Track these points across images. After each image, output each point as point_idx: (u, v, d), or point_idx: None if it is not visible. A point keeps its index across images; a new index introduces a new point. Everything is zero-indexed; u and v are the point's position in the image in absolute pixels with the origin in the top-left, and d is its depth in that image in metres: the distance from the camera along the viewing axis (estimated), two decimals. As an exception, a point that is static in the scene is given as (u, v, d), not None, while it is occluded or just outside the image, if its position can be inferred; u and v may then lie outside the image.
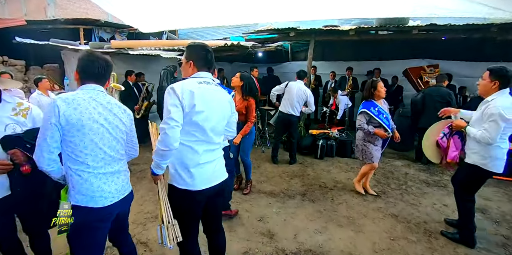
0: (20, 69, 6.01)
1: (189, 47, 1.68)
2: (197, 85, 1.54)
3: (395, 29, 4.96)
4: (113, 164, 1.49)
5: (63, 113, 1.30)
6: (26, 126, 1.69)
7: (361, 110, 3.21)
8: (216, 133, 1.64)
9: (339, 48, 7.52)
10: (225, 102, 1.71)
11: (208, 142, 1.60)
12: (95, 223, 1.44)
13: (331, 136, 5.02)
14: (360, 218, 2.98)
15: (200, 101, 1.51)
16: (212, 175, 1.65)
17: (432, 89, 4.62)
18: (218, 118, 1.64)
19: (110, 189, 1.45)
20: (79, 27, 7.33)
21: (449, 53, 6.30)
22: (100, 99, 1.45)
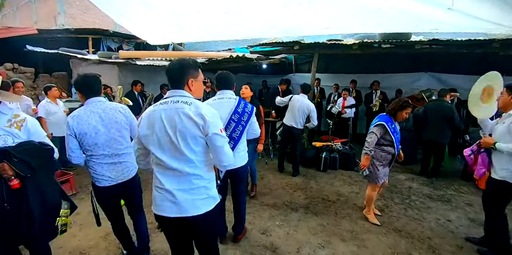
0: (29, 76, 6.14)
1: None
2: (151, 108, 1.59)
3: (398, 43, 5.05)
4: (113, 157, 2.04)
5: (72, 127, 1.91)
6: (20, 138, 1.70)
7: (379, 123, 2.92)
8: (170, 156, 1.50)
9: (343, 61, 7.61)
10: (177, 119, 1.46)
11: (162, 166, 1.54)
12: (100, 196, 2.13)
13: (334, 148, 5.04)
14: (363, 232, 2.96)
15: (145, 125, 1.55)
16: (171, 204, 1.53)
17: (435, 103, 4.66)
18: (167, 141, 1.48)
19: (110, 175, 2.05)
20: (88, 36, 7.52)
21: (452, 67, 6.37)
22: (97, 110, 1.98)
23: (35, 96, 5.97)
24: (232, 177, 2.55)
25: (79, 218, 3.09)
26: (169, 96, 1.53)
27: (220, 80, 2.52)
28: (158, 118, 1.48)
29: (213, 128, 1.46)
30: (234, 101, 2.42)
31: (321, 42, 5.35)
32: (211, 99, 2.49)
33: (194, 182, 1.52)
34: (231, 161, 1.56)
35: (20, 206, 1.64)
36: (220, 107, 2.36)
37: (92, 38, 7.60)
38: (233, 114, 2.37)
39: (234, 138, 2.39)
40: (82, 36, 7.43)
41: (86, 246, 2.65)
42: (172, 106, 1.47)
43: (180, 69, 1.54)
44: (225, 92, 2.47)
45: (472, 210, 3.50)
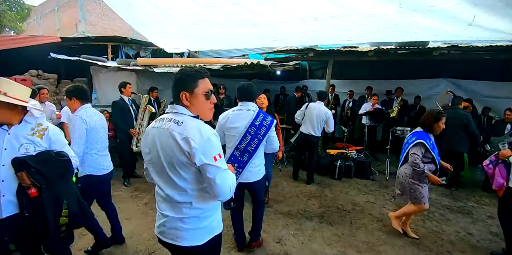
0: (52, 82, 6.40)
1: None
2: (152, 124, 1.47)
3: (415, 50, 4.97)
4: (106, 150, 2.53)
5: (89, 123, 2.30)
6: (41, 146, 1.75)
7: (418, 141, 2.72)
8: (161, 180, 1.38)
9: (357, 67, 7.54)
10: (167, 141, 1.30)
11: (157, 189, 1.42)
12: (97, 185, 2.49)
13: (349, 156, 4.97)
14: (380, 244, 2.90)
15: (143, 144, 1.45)
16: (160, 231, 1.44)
17: (449, 111, 4.56)
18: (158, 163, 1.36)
19: (106, 164, 2.51)
20: (107, 44, 7.78)
21: (472, 73, 6.17)
22: (95, 112, 2.43)
23: (57, 102, 6.20)
24: (248, 190, 2.58)
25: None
26: (167, 112, 1.38)
27: (241, 91, 2.51)
28: (152, 139, 1.34)
29: (202, 155, 1.21)
30: (253, 113, 2.40)
31: (336, 49, 5.33)
32: (230, 110, 2.51)
33: (184, 210, 1.32)
34: (227, 195, 1.28)
35: (37, 213, 1.71)
36: (239, 119, 2.40)
37: (111, 45, 7.85)
38: (250, 127, 2.36)
39: (249, 151, 2.39)
40: (101, 44, 7.69)
41: (104, 250, 2.71)
42: (164, 126, 1.30)
43: (174, 81, 1.35)
44: (246, 104, 2.46)
45: (494, 223, 3.36)
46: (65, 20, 16.41)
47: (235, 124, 2.40)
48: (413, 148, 2.75)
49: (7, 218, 1.70)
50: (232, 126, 2.41)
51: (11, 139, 1.68)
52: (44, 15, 17.87)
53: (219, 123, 2.51)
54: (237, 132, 2.40)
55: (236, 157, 2.43)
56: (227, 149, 2.52)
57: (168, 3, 3.07)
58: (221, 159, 1.27)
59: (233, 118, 2.42)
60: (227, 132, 2.46)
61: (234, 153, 2.43)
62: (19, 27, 13.34)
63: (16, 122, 1.71)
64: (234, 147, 2.42)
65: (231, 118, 2.43)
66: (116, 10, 3.52)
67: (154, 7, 3.17)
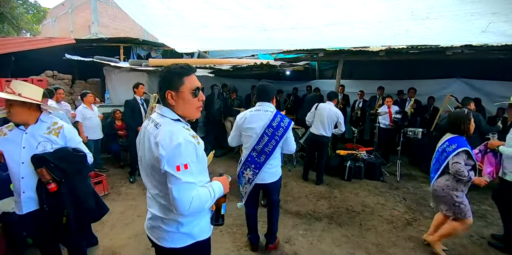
0: (67, 83, 6.58)
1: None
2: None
3: (428, 49, 4.89)
4: None
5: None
6: (57, 144, 1.84)
7: (463, 149, 2.49)
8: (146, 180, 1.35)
9: (368, 67, 7.45)
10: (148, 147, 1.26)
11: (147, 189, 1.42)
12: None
13: (359, 157, 4.93)
14: (390, 246, 2.87)
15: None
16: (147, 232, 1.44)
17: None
18: (143, 166, 1.34)
19: None
20: (119, 45, 7.94)
21: (486, 73, 6.01)
22: None
23: (72, 101, 6.37)
24: (264, 190, 2.62)
25: (110, 218, 3.24)
26: (155, 112, 1.35)
27: (259, 91, 2.49)
28: (141, 138, 1.35)
29: (166, 162, 1.15)
30: (270, 114, 2.39)
31: (346, 49, 5.29)
32: (248, 110, 2.50)
33: (166, 212, 1.28)
34: (185, 210, 1.16)
35: (58, 208, 1.79)
36: (255, 120, 2.40)
37: (123, 46, 8.01)
38: (267, 128, 2.36)
39: (266, 152, 2.39)
40: (114, 45, 7.85)
41: (117, 246, 2.78)
42: (148, 127, 1.29)
43: (159, 79, 1.29)
44: (264, 105, 2.44)
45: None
46: (79, 22, 16.80)
47: (252, 124, 2.40)
48: (456, 157, 2.49)
49: (27, 214, 1.77)
50: (249, 126, 2.41)
51: (29, 138, 1.76)
52: (58, 18, 18.33)
53: (236, 123, 2.51)
54: (254, 132, 2.40)
55: (253, 157, 2.44)
56: (243, 149, 2.54)
57: (181, 5, 3.12)
58: (186, 170, 1.16)
59: (250, 119, 2.42)
60: (244, 132, 2.46)
61: (251, 154, 2.44)
62: (35, 29, 13.72)
63: (32, 122, 1.79)
64: (251, 148, 2.42)
65: (248, 118, 2.42)
66: (129, 11, 3.59)
67: (167, 8, 3.22)
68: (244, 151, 2.50)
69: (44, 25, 18.13)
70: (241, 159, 2.57)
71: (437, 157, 2.70)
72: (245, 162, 2.49)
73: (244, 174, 2.51)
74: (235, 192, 4.16)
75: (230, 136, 2.60)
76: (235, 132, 2.55)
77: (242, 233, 3.05)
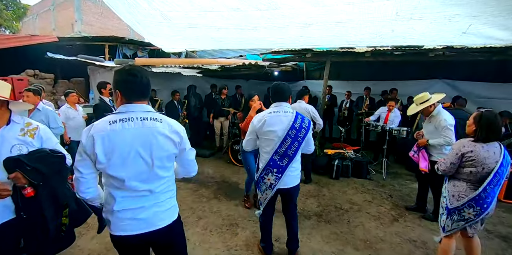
0: (49, 82, 6.37)
1: (116, 73, 1.44)
2: (105, 127, 1.30)
3: (411, 51, 5.04)
4: None
5: None
6: (33, 146, 1.68)
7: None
8: (141, 180, 1.37)
9: (355, 68, 7.59)
10: (155, 141, 1.36)
11: (126, 190, 1.37)
12: None
13: (346, 156, 5.02)
14: (377, 242, 2.94)
15: (103, 148, 1.29)
16: (134, 223, 1.40)
17: (453, 112, 4.68)
18: (144, 164, 1.36)
19: None
20: (104, 43, 7.77)
21: (467, 74, 6.26)
22: None
23: (54, 102, 6.17)
24: (284, 195, 2.45)
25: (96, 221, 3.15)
26: (129, 111, 1.35)
27: (275, 91, 2.38)
28: (123, 142, 1.30)
29: (186, 142, 1.47)
30: (291, 115, 2.29)
31: (333, 50, 5.38)
32: (265, 112, 2.35)
33: (161, 197, 1.45)
34: (196, 169, 1.62)
35: (35, 214, 1.63)
36: (276, 122, 2.26)
37: (109, 45, 7.84)
38: (290, 129, 2.24)
39: (289, 155, 2.27)
40: (99, 43, 7.68)
41: (103, 248, 2.71)
42: (143, 125, 1.34)
43: (147, 77, 1.41)
44: (282, 105, 2.33)
45: (490, 221, 3.41)
46: (61, 20, 16.32)
47: (273, 127, 2.25)
48: None
49: (3, 224, 1.61)
50: (270, 129, 2.26)
51: (2, 141, 1.59)
52: (40, 15, 17.75)
53: (253, 127, 2.34)
54: (275, 136, 2.25)
55: (275, 161, 2.29)
56: (262, 153, 2.38)
57: (167, 6, 3.08)
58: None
59: (270, 121, 2.27)
60: (264, 136, 2.31)
61: (273, 158, 2.28)
62: (15, 26, 13.26)
63: (3, 124, 1.63)
64: (274, 151, 2.27)
65: (268, 121, 2.27)
66: (115, 10, 3.52)
67: (153, 9, 3.17)
68: (264, 155, 2.34)
69: (24, 23, 17.52)
70: (258, 164, 2.42)
71: (500, 169, 2.11)
72: (266, 167, 2.31)
73: (265, 179, 2.34)
74: (224, 192, 4.14)
75: (246, 140, 2.45)
76: (251, 135, 2.39)
77: (231, 233, 3.04)
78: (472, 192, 2.15)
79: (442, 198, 2.38)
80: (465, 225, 2.19)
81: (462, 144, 2.24)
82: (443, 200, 2.35)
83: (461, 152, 2.19)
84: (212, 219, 3.35)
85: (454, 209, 2.21)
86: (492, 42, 2.73)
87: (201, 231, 3.07)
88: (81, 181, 1.36)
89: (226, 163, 5.61)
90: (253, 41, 3.92)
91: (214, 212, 3.53)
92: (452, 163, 2.25)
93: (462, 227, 2.22)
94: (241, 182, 4.49)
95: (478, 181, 2.15)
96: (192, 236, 2.96)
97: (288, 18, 2.93)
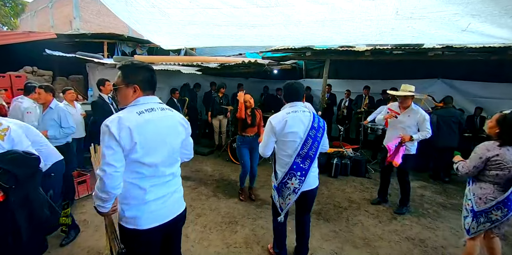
0: (47, 79, 6.32)
1: (126, 68, 1.46)
2: (136, 117, 1.36)
3: (411, 50, 5.05)
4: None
5: None
6: (3, 149, 1.59)
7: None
8: (167, 164, 1.49)
9: (354, 67, 7.60)
10: (176, 128, 1.54)
11: (156, 176, 1.45)
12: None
13: (345, 154, 5.03)
14: (376, 240, 2.95)
15: (140, 137, 1.34)
16: (163, 211, 1.49)
17: (444, 110, 4.77)
18: (169, 149, 1.48)
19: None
20: (103, 41, 7.72)
21: (466, 74, 6.28)
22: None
23: (52, 99, 6.13)
24: (304, 197, 2.29)
25: (95, 219, 3.16)
26: (149, 102, 1.46)
27: (290, 90, 2.28)
28: (155, 130, 1.40)
29: (189, 129, 1.66)
30: (310, 115, 2.22)
31: (332, 48, 5.38)
32: (284, 112, 2.22)
33: (178, 181, 1.63)
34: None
35: (6, 219, 1.53)
36: (297, 123, 2.17)
37: (107, 42, 7.80)
38: (311, 130, 2.17)
39: (311, 156, 2.19)
40: (97, 41, 7.63)
41: (102, 247, 2.71)
42: (164, 114, 1.49)
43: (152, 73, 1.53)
44: (298, 105, 2.24)
45: (487, 220, 3.44)
46: (60, 17, 16.20)
47: (294, 128, 2.16)
48: None
49: None
50: (292, 131, 2.15)
51: None
52: (38, 12, 17.61)
53: (273, 129, 2.19)
54: (297, 137, 2.16)
55: (298, 164, 2.18)
56: (281, 157, 2.26)
57: (166, 3, 3.06)
58: None
59: (291, 122, 2.15)
60: (285, 138, 2.18)
61: (295, 161, 2.18)
62: (13, 23, 13.16)
63: None
64: (296, 154, 2.17)
65: (290, 122, 2.15)
66: (112, 8, 3.50)
67: (151, 6, 3.16)
68: (285, 159, 2.22)
69: (22, 19, 17.38)
70: (275, 169, 2.31)
71: None
72: (289, 171, 2.19)
73: (288, 184, 2.22)
74: (223, 190, 4.15)
75: (265, 144, 2.25)
76: (271, 138, 2.22)
77: (231, 231, 3.05)
78: (501, 194, 2.12)
79: (467, 201, 2.33)
80: (491, 227, 2.19)
81: (486, 148, 2.17)
82: (468, 203, 2.31)
83: (486, 157, 2.14)
84: (211, 216, 3.35)
85: (481, 212, 2.19)
86: (492, 40, 2.74)
87: (200, 228, 3.08)
88: (115, 175, 1.31)
89: (225, 161, 5.61)
90: (253, 39, 3.91)
91: (213, 209, 3.53)
92: (476, 166, 2.20)
93: (487, 228, 2.21)
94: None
95: (505, 183, 2.13)
96: (191, 233, 2.96)
97: (288, 15, 2.93)
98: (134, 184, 1.41)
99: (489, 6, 2.22)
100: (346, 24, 2.92)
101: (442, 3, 2.26)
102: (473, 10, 2.30)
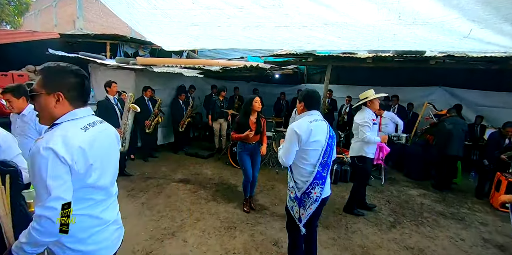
0: (49, 79, 6.33)
1: (49, 71, 1.16)
2: (83, 134, 1.14)
3: (412, 58, 5.07)
4: None
5: None
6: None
7: None
8: (113, 183, 1.35)
9: (355, 73, 7.62)
10: (115, 142, 1.39)
11: (106, 199, 1.29)
12: None
13: (345, 160, 5.02)
14: (375, 248, 2.94)
15: (95, 157, 1.16)
16: (112, 240, 1.34)
17: (451, 119, 4.78)
18: (115, 166, 1.36)
19: None
20: (106, 41, 7.75)
21: (466, 82, 6.32)
22: None
23: (54, 99, 6.14)
24: (321, 205, 2.24)
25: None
26: (86, 115, 1.22)
27: (311, 98, 2.25)
28: (102, 147, 1.22)
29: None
30: (326, 123, 2.24)
31: (334, 54, 5.40)
32: (307, 121, 2.18)
33: (116, 200, 1.44)
34: None
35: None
36: (320, 131, 2.16)
37: (110, 43, 7.83)
38: (329, 138, 2.19)
39: (328, 164, 2.20)
40: (100, 41, 7.66)
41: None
42: (104, 128, 1.30)
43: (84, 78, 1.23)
44: (316, 113, 2.24)
45: (486, 230, 3.44)
46: (63, 16, 16.26)
47: (317, 137, 2.14)
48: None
49: None
50: (316, 139, 2.13)
51: None
52: (41, 11, 17.69)
53: (299, 137, 2.11)
54: (320, 145, 2.15)
55: (321, 173, 2.16)
56: (303, 166, 2.18)
57: (168, 5, 3.08)
58: None
59: (316, 131, 2.13)
60: (308, 146, 2.13)
61: (318, 170, 2.15)
62: (17, 21, 13.20)
63: None
64: (319, 163, 2.14)
65: (314, 131, 2.12)
66: (114, 9, 3.51)
67: (153, 8, 3.17)
68: (307, 168, 2.17)
69: (26, 18, 17.44)
70: (295, 179, 2.23)
71: None
72: (314, 180, 2.14)
73: (311, 194, 2.17)
74: (223, 194, 4.14)
75: (289, 153, 2.16)
76: (295, 146, 2.13)
77: (229, 236, 3.03)
78: None
79: None
80: None
81: None
82: None
83: None
84: (210, 221, 3.34)
85: None
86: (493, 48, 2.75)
87: (199, 233, 3.06)
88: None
89: (225, 165, 5.60)
90: (255, 41, 3.92)
91: (212, 214, 3.52)
92: None
93: None
94: (239, 184, 4.47)
95: None
96: (190, 238, 2.95)
97: (291, 17, 2.94)
98: (83, 215, 1.17)
99: (490, 13, 2.24)
100: (349, 28, 2.94)
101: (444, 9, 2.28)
102: (474, 17, 2.32)
